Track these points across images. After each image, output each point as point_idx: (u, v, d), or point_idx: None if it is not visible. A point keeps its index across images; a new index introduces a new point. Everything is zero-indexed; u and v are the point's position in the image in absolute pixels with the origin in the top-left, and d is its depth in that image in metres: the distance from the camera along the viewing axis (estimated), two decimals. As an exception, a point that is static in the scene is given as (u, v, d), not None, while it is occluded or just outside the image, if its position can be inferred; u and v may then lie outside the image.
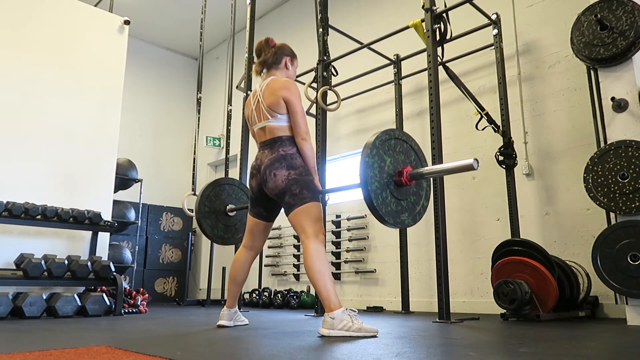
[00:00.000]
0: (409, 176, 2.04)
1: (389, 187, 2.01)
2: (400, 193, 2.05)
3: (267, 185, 2.38)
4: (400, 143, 2.12)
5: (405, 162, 2.11)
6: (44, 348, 1.63)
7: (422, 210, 2.16)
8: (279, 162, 2.34)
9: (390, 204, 1.99)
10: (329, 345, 1.77)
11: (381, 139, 2.04)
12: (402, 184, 2.03)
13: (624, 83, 2.73)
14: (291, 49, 2.69)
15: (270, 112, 2.42)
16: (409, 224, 2.08)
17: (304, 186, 2.29)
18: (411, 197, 2.10)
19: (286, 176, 2.31)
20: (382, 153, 2.01)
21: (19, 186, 3.85)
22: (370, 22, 5.33)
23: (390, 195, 2.00)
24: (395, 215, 2.00)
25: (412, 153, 2.16)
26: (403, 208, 2.04)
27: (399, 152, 2.09)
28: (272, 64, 2.58)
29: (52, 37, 4.30)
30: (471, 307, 3.91)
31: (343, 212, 5.12)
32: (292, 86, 2.44)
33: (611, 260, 2.58)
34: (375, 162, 1.97)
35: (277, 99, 2.40)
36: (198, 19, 5.84)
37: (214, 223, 2.99)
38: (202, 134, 6.86)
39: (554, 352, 1.58)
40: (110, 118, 4.54)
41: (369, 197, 1.91)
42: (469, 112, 4.09)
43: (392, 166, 2.04)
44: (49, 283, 3.53)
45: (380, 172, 1.98)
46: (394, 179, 2.03)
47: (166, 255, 6.69)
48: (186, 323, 2.87)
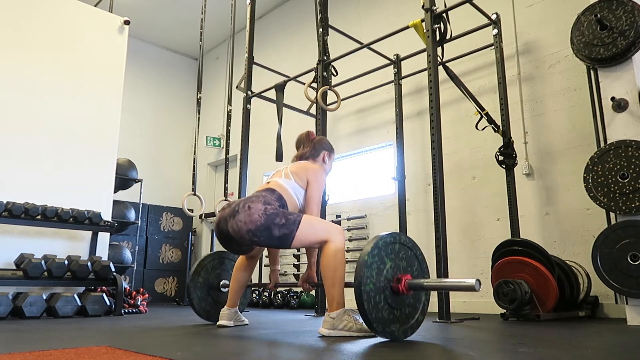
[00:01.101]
0: (407, 285, 1.89)
1: (384, 292, 1.85)
2: (396, 301, 1.89)
3: (235, 217, 2.13)
4: (405, 249, 1.99)
5: (407, 270, 1.96)
6: (44, 348, 1.63)
7: (415, 325, 1.98)
8: (255, 198, 2.18)
9: (382, 310, 1.83)
10: (329, 345, 1.77)
11: (385, 240, 1.91)
12: (399, 292, 1.88)
13: (624, 83, 2.73)
14: (330, 144, 2.66)
15: (289, 174, 2.38)
16: (399, 337, 1.88)
17: (285, 214, 2.13)
18: (406, 309, 1.94)
19: (263, 210, 2.10)
20: (383, 255, 1.88)
21: (19, 186, 3.85)
22: (370, 22, 5.33)
23: (384, 301, 1.85)
24: (385, 324, 1.83)
25: (416, 262, 2.02)
26: (395, 318, 1.88)
27: (401, 258, 1.95)
28: (309, 157, 2.56)
29: (52, 37, 4.31)
30: (471, 307, 3.90)
31: (343, 212, 5.12)
32: (321, 176, 2.40)
33: (611, 260, 2.58)
34: (374, 262, 1.83)
35: (304, 174, 2.37)
36: (198, 19, 5.83)
37: (203, 296, 2.89)
38: (202, 134, 6.87)
39: (554, 352, 1.58)
40: (110, 118, 4.54)
41: (360, 298, 1.76)
42: (469, 112, 4.09)
43: (391, 271, 1.89)
44: (49, 283, 3.54)
45: (377, 274, 1.84)
46: (390, 285, 1.88)
47: (166, 255, 6.69)
48: (186, 323, 2.87)
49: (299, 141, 2.64)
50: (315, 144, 2.59)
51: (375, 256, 1.85)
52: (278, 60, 5.89)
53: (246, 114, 4.43)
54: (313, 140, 2.61)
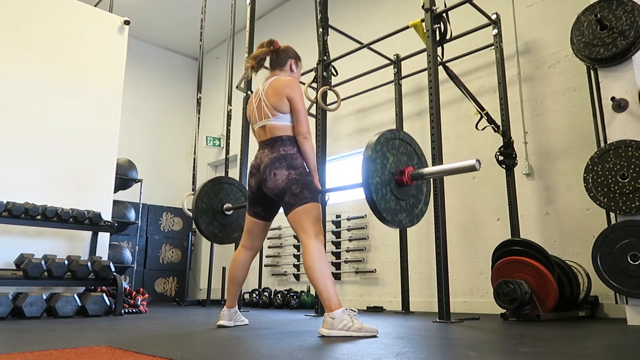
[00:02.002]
0: (410, 176, 2.05)
1: (390, 185, 2.01)
2: (401, 192, 2.05)
3: (266, 185, 2.36)
4: (404, 145, 2.13)
5: (408, 163, 2.11)
6: (44, 348, 1.63)
7: (420, 213, 2.16)
8: (279, 162, 2.33)
9: (389, 201, 2.00)
10: (329, 345, 1.77)
11: (386, 136, 2.05)
12: (403, 184, 2.04)
13: (624, 83, 2.73)
14: (295, 52, 2.68)
15: (272, 110, 2.41)
16: (407, 224, 2.08)
17: (304, 186, 2.29)
18: (410, 199, 2.10)
19: (286, 176, 2.30)
20: (385, 151, 2.02)
21: (19, 186, 3.85)
22: (370, 22, 5.33)
23: (390, 192, 2.01)
24: (393, 214, 2.00)
25: (415, 157, 2.17)
26: (402, 208, 2.05)
27: (402, 153, 2.10)
28: (276, 65, 2.58)
29: (52, 37, 4.30)
30: (471, 307, 3.91)
31: (343, 212, 5.12)
32: (295, 86, 2.44)
33: (611, 260, 2.58)
34: (378, 157, 1.98)
35: (281, 97, 2.39)
36: (198, 19, 5.84)
37: (210, 220, 2.98)
38: (202, 134, 6.86)
39: (554, 352, 1.58)
40: (110, 118, 4.54)
41: (369, 191, 1.92)
42: (469, 112, 4.09)
43: (394, 165, 2.04)
44: (49, 283, 3.53)
45: (382, 168, 1.99)
46: (395, 177, 2.04)
47: (166, 255, 6.69)
48: (186, 323, 2.87)
49: (260, 44, 2.64)
50: (280, 52, 2.59)
51: (379, 151, 1.98)
52: (278, 60, 5.87)
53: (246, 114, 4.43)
54: (278, 48, 2.60)
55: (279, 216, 2.63)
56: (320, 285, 2.12)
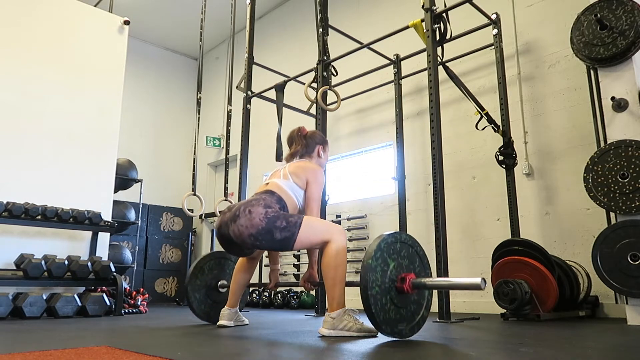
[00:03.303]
0: (411, 284, 1.92)
1: (390, 293, 1.88)
2: (401, 300, 1.93)
3: (236, 222, 2.13)
4: (406, 247, 2.01)
5: (409, 268, 2.00)
6: (44, 348, 1.63)
7: (421, 321, 2.02)
8: (256, 201, 2.17)
9: (389, 311, 1.87)
10: (329, 345, 1.77)
11: (387, 241, 1.92)
12: (404, 292, 1.91)
13: (624, 83, 2.73)
14: (322, 137, 2.64)
15: (287, 175, 2.36)
16: (406, 334, 1.92)
17: (286, 217, 2.13)
18: (411, 306, 1.97)
19: (264, 214, 2.10)
20: (386, 257, 1.89)
21: (19, 186, 3.85)
22: (370, 22, 5.33)
23: (390, 302, 1.88)
24: (392, 324, 1.87)
25: (417, 259, 2.05)
26: (402, 317, 1.92)
27: (403, 257, 1.98)
28: (304, 154, 2.54)
29: (52, 37, 4.31)
30: (471, 307, 3.91)
31: (343, 212, 5.12)
32: (319, 175, 2.39)
33: (611, 260, 2.58)
34: (378, 265, 1.85)
35: (302, 174, 2.36)
36: (198, 19, 5.83)
37: (202, 298, 2.88)
38: (202, 134, 6.87)
39: (554, 351, 1.58)
40: (110, 118, 4.54)
41: (368, 302, 1.79)
42: (469, 112, 4.09)
43: (395, 271, 1.92)
44: (49, 283, 3.54)
45: (382, 276, 1.86)
46: (395, 285, 1.91)
47: (166, 255, 6.69)
48: (186, 323, 2.87)
49: (290, 138, 2.61)
50: (308, 140, 2.56)
51: (379, 258, 1.86)
52: (278, 60, 5.89)
53: (246, 114, 4.43)
54: (305, 135, 2.57)
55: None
56: (330, 283, 2.08)
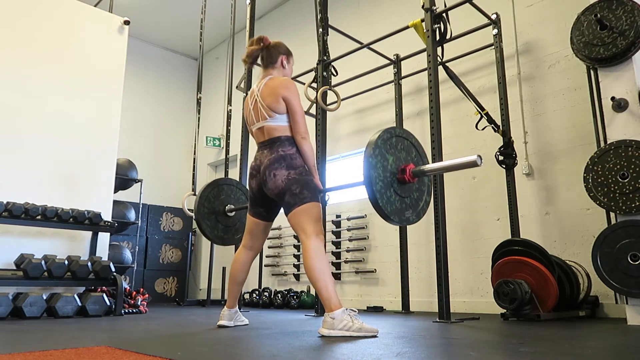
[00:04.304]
0: (411, 173, 2.06)
1: (393, 186, 2.03)
2: (404, 190, 2.07)
3: (266, 186, 2.37)
4: (401, 140, 2.13)
5: (407, 159, 2.12)
6: (44, 348, 1.63)
7: (425, 206, 2.17)
8: (278, 163, 2.33)
9: (394, 202, 2.01)
10: (329, 345, 1.77)
11: (383, 138, 2.05)
12: (405, 182, 2.06)
13: (624, 83, 2.73)
14: (286, 47, 2.66)
15: (268, 111, 2.41)
16: (414, 220, 2.09)
17: (304, 186, 2.29)
18: (414, 194, 2.12)
19: (286, 176, 2.30)
20: (384, 152, 2.03)
21: (19, 186, 3.85)
22: (370, 22, 5.33)
23: (394, 193, 2.02)
24: (400, 213, 2.02)
25: (413, 149, 2.18)
26: (407, 205, 2.07)
27: (400, 150, 2.11)
28: (268, 63, 2.56)
29: (52, 37, 4.30)
30: (471, 307, 3.91)
31: (343, 212, 5.12)
32: (291, 85, 2.43)
33: (611, 260, 2.58)
34: (378, 161, 1.99)
35: (277, 98, 2.39)
36: (198, 19, 5.84)
37: (213, 224, 2.98)
38: (202, 134, 6.86)
39: (554, 351, 1.58)
40: (110, 118, 4.54)
41: (374, 197, 1.93)
42: (469, 112, 4.09)
43: (394, 164, 2.06)
44: (49, 283, 3.53)
45: (383, 171, 2.00)
46: (397, 177, 2.05)
47: (166, 255, 6.69)
48: (186, 323, 2.87)
49: (251, 41, 2.61)
50: (270, 49, 2.57)
51: (378, 155, 1.98)
52: (278, 60, 5.87)
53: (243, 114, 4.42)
54: (268, 44, 2.57)
55: (279, 216, 2.62)
56: (320, 285, 2.12)
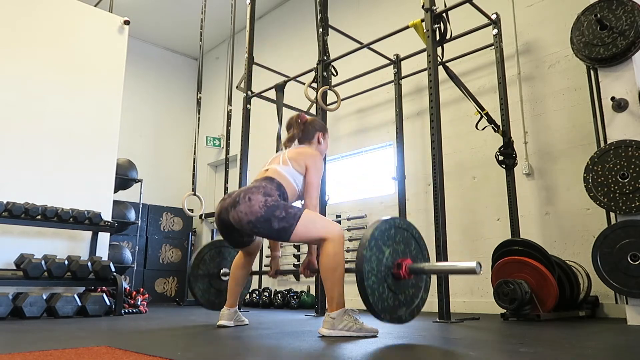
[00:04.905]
0: (408, 270, 1.89)
1: (387, 281, 1.86)
2: (398, 286, 1.91)
3: (236, 208, 2.13)
4: (401, 232, 1.96)
5: (405, 253, 1.96)
6: (44, 348, 1.63)
7: (420, 303, 2.00)
8: (256, 189, 2.17)
9: (387, 299, 1.85)
10: (329, 345, 1.77)
11: (380, 229, 1.89)
12: (401, 278, 1.89)
13: (624, 83, 2.73)
14: (322, 124, 2.62)
15: (287, 161, 2.36)
16: (407, 319, 1.92)
17: (286, 207, 2.12)
18: (409, 290, 1.95)
19: (263, 202, 2.09)
20: (380, 244, 1.87)
21: (19, 186, 3.85)
22: (370, 22, 5.33)
23: (388, 289, 1.86)
24: (392, 312, 1.85)
25: (413, 241, 2.01)
26: (401, 303, 1.90)
27: (398, 242, 1.94)
28: (304, 140, 2.53)
29: (52, 37, 4.30)
30: (471, 307, 3.90)
31: (343, 212, 5.12)
32: (319, 161, 2.38)
33: (611, 260, 2.57)
34: (373, 254, 1.83)
35: (302, 160, 2.35)
36: (198, 19, 5.84)
37: (206, 287, 2.90)
38: (202, 134, 6.87)
39: (554, 351, 1.58)
40: (110, 118, 4.54)
41: (364, 293, 1.78)
42: (469, 112, 4.09)
43: (390, 258, 1.89)
44: (49, 283, 3.53)
45: (378, 265, 1.84)
46: (392, 271, 1.89)
47: (166, 255, 6.69)
48: (186, 323, 2.87)
49: (289, 123, 2.59)
50: (307, 126, 2.54)
51: (373, 247, 1.84)
52: (278, 60, 5.88)
53: (246, 114, 4.43)
54: (305, 122, 2.56)
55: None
56: (329, 283, 2.07)
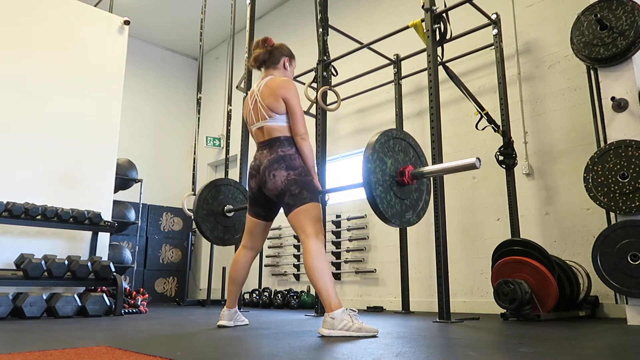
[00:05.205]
0: (410, 176, 2.06)
1: (392, 189, 2.02)
2: (403, 192, 2.07)
3: (266, 187, 2.37)
4: (399, 142, 2.13)
5: (405, 161, 2.12)
6: (44, 348, 1.63)
7: (424, 205, 2.18)
8: (278, 163, 2.33)
9: (395, 205, 2.01)
10: (329, 345, 1.77)
11: (380, 141, 2.05)
12: (405, 184, 2.05)
13: (624, 83, 2.73)
14: (289, 49, 2.68)
15: (268, 112, 2.41)
16: (414, 221, 2.10)
17: (303, 187, 2.29)
18: (414, 194, 2.12)
19: (285, 177, 2.30)
20: (382, 156, 2.02)
21: (19, 186, 3.85)
22: (370, 22, 5.33)
23: (394, 196, 2.02)
24: (400, 216, 2.03)
25: (411, 150, 2.18)
26: (407, 207, 2.07)
27: (398, 152, 2.11)
28: (270, 64, 2.58)
29: (52, 37, 4.30)
30: (471, 307, 3.90)
31: (343, 212, 5.12)
32: (291, 86, 2.43)
33: (611, 260, 2.57)
34: (377, 166, 1.98)
35: (276, 98, 2.39)
36: (198, 19, 5.84)
37: (213, 225, 2.98)
38: (202, 134, 6.86)
39: (554, 351, 1.58)
40: (110, 118, 4.54)
41: (374, 202, 1.93)
42: (469, 112, 4.09)
43: (393, 167, 2.05)
44: (49, 283, 3.53)
45: (382, 175, 2.00)
46: (396, 180, 2.05)
47: (166, 255, 6.69)
48: (186, 323, 2.87)
49: (255, 44, 2.63)
50: (274, 50, 2.58)
51: (376, 159, 1.98)
52: (278, 60, 5.87)
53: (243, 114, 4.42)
54: (272, 46, 2.59)
55: (278, 216, 2.62)
56: (320, 286, 2.13)
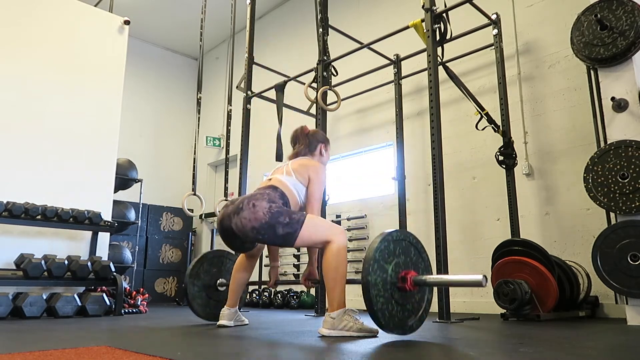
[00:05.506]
0: (412, 282, 1.90)
1: (394, 297, 1.88)
2: (405, 298, 1.92)
3: (240, 214, 2.15)
4: (399, 243, 1.97)
5: (407, 263, 1.96)
6: (44, 348, 1.63)
7: (427, 306, 2.02)
8: (260, 196, 2.21)
9: (396, 314, 1.87)
10: (329, 345, 1.77)
11: (380, 249, 1.88)
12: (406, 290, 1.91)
13: (624, 83, 2.73)
14: (324, 135, 2.67)
15: (290, 171, 2.38)
16: (417, 327, 1.95)
17: (290, 213, 2.16)
18: (415, 297, 1.97)
19: (267, 209, 2.13)
20: (382, 263, 1.87)
21: (19, 186, 3.85)
22: (370, 22, 5.33)
23: (396, 304, 1.87)
24: (402, 325, 1.87)
25: (411, 248, 2.02)
26: (409, 312, 1.92)
27: (398, 255, 1.94)
28: (306, 153, 2.56)
29: (52, 37, 4.31)
30: (471, 307, 3.90)
31: (343, 212, 5.12)
32: (321, 172, 2.41)
33: (611, 260, 2.57)
34: (378, 276, 1.83)
35: (305, 171, 2.38)
36: (198, 19, 5.83)
37: (205, 302, 2.90)
38: (202, 134, 6.87)
39: (554, 351, 1.58)
40: (110, 118, 4.54)
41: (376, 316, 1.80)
42: (469, 112, 4.09)
43: (394, 273, 1.90)
44: (49, 283, 3.54)
45: (383, 284, 1.85)
46: (397, 286, 1.90)
47: (166, 255, 6.69)
48: (186, 323, 2.87)
49: (294, 137, 2.64)
50: (310, 138, 2.59)
51: (377, 270, 1.84)
52: (278, 60, 5.88)
53: (246, 114, 4.43)
54: (307, 134, 2.60)
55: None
56: (331, 283, 2.08)
